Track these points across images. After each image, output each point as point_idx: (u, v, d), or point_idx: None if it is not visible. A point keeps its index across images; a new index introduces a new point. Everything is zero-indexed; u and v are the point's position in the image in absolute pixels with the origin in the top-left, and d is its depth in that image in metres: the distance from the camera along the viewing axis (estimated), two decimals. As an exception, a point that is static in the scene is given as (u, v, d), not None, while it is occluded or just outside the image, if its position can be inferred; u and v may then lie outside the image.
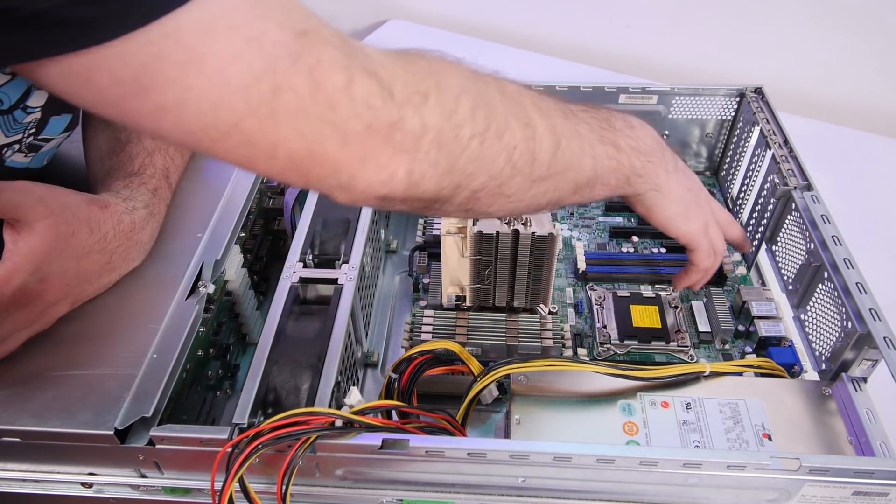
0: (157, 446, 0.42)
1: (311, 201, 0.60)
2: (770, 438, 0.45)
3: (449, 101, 0.34)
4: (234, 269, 0.55)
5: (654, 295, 0.62)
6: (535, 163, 0.38)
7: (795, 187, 0.57)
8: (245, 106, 0.29)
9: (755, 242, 0.64)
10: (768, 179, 0.61)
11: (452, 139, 0.34)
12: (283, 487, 0.40)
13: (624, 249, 0.69)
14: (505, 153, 0.37)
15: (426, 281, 0.63)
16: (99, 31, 0.26)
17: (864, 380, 0.48)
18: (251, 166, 0.32)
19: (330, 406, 0.44)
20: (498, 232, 0.52)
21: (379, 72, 0.32)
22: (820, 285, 0.52)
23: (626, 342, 0.58)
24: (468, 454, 0.40)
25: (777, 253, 0.60)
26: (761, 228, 0.63)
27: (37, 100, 0.47)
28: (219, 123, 0.29)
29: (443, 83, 0.34)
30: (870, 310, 0.46)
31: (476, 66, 0.38)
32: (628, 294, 0.62)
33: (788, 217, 0.58)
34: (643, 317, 0.60)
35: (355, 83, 0.31)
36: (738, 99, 0.71)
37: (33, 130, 0.49)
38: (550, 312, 0.58)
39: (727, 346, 0.59)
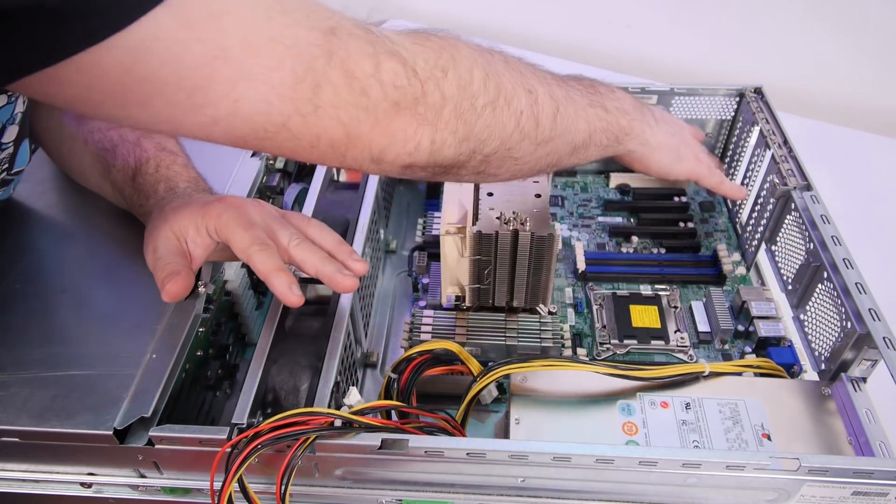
0: (157, 446, 0.42)
1: (311, 201, 0.60)
2: (769, 438, 0.45)
3: (464, 74, 0.37)
4: (234, 269, 0.55)
5: (653, 295, 0.62)
6: (539, 126, 0.41)
7: (795, 187, 0.57)
8: (292, 106, 0.31)
9: (755, 243, 0.64)
10: (768, 179, 0.61)
11: (469, 108, 0.37)
12: (283, 487, 0.40)
13: (623, 249, 0.69)
14: (514, 119, 0.40)
15: (425, 281, 0.63)
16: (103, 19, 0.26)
17: (864, 380, 0.48)
18: (293, 155, 0.35)
19: (329, 406, 0.44)
20: (497, 232, 0.52)
21: (402, 52, 0.34)
22: (819, 285, 0.52)
23: (625, 342, 0.58)
24: (467, 454, 0.40)
25: (776, 253, 0.60)
26: (760, 228, 0.63)
27: (9, 135, 0.48)
28: (268, 125, 0.32)
29: (457, 57, 0.37)
30: (869, 310, 0.46)
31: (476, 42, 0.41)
32: (627, 294, 0.62)
33: (788, 217, 0.58)
34: (642, 317, 0.60)
35: (382, 67, 0.33)
36: (737, 99, 0.71)
37: (6, 166, 0.50)
38: (550, 312, 0.58)
39: (727, 346, 0.59)
